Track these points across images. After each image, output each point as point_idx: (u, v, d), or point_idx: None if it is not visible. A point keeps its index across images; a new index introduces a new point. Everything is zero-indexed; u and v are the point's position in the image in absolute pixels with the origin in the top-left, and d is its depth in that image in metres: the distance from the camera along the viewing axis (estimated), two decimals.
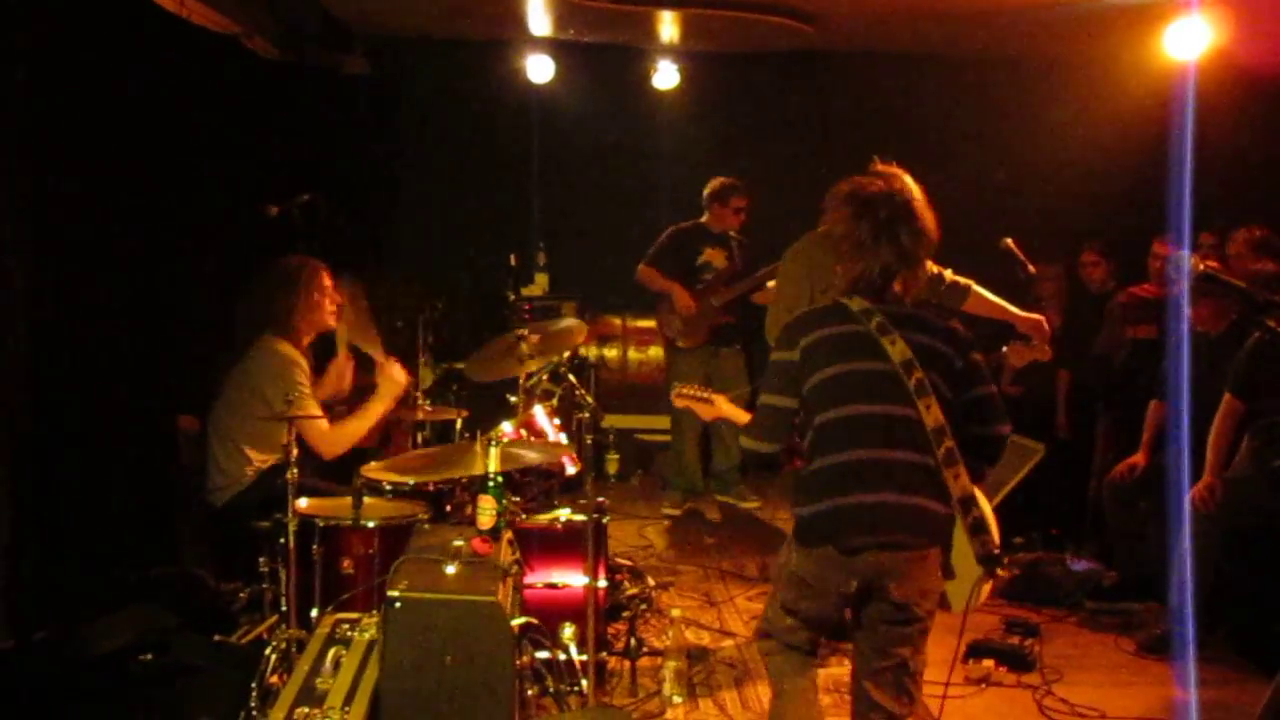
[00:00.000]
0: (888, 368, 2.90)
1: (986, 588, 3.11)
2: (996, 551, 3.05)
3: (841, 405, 2.92)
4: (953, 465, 2.90)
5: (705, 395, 3.66)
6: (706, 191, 7.02)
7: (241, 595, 4.39)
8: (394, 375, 4.71)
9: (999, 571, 3.09)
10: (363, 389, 4.86)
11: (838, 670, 4.44)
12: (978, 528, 3.00)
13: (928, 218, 3.06)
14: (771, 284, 5.85)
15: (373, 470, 4.11)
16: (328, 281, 4.71)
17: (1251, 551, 4.83)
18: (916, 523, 2.89)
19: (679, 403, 3.70)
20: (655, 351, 8.56)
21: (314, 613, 3.84)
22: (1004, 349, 4.92)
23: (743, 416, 3.37)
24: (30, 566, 4.05)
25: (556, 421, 5.14)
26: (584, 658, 4.01)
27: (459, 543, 3.21)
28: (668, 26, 7.60)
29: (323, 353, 4.89)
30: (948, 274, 4.42)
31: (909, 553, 2.89)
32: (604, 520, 4.39)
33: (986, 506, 3.16)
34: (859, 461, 2.90)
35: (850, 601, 2.99)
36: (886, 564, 2.88)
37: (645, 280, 7.02)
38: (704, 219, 7.04)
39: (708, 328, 6.88)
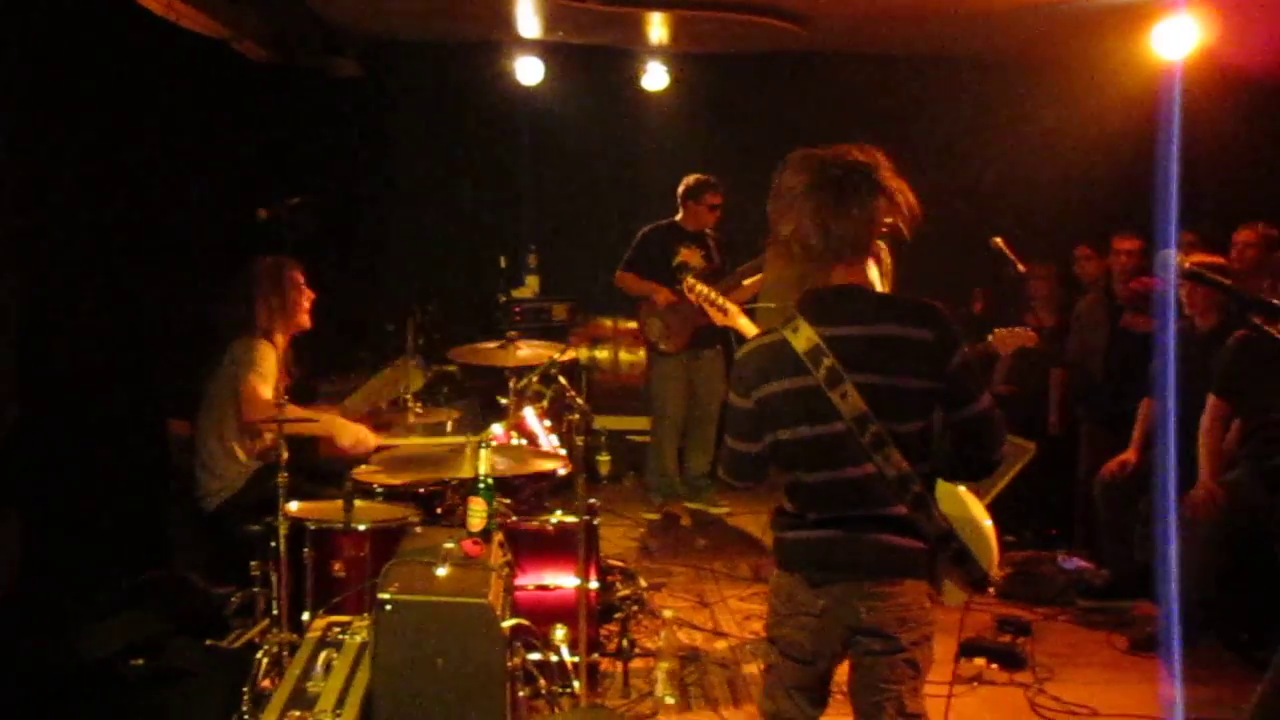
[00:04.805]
0: (840, 428, 2.68)
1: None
2: (985, 574, 2.92)
3: (798, 469, 2.78)
4: (923, 508, 2.72)
5: (721, 301, 3.51)
6: (680, 189, 6.92)
7: (233, 599, 4.40)
8: (354, 431, 4.60)
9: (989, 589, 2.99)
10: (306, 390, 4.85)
11: None
12: (960, 558, 2.86)
13: (884, 178, 2.72)
14: (748, 282, 5.85)
15: (364, 473, 4.11)
16: (300, 279, 4.71)
17: (1242, 549, 4.84)
18: (885, 557, 2.74)
19: (691, 296, 3.62)
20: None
21: (305, 616, 3.84)
22: (989, 337, 4.93)
23: (752, 331, 3.36)
24: (22, 571, 4.04)
25: (547, 423, 5.14)
26: (576, 659, 4.02)
27: (450, 545, 3.21)
28: (657, 28, 7.60)
29: (317, 356, 4.90)
30: None
31: (875, 582, 2.73)
32: (595, 521, 4.39)
33: (983, 519, 3.02)
34: (819, 519, 2.78)
35: (823, 627, 2.79)
36: (853, 591, 2.74)
37: (624, 285, 6.95)
38: (678, 217, 6.93)
39: (690, 330, 6.72)
